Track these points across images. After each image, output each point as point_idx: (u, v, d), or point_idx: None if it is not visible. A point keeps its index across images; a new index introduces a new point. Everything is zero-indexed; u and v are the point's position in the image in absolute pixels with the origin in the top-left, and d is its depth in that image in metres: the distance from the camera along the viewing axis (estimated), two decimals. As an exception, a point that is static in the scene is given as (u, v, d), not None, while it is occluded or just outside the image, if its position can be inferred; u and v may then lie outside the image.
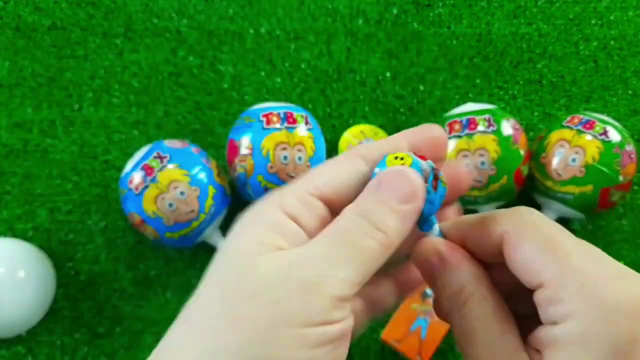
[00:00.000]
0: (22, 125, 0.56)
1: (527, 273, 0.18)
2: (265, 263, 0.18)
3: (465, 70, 0.59)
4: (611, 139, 0.46)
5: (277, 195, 0.20)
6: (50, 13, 0.60)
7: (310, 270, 0.17)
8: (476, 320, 0.19)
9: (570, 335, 0.16)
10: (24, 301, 0.46)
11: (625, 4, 0.62)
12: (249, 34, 0.60)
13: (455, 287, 0.20)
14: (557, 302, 0.17)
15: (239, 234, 0.19)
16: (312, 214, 0.19)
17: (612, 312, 0.16)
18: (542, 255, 0.18)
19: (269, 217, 0.19)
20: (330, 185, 0.20)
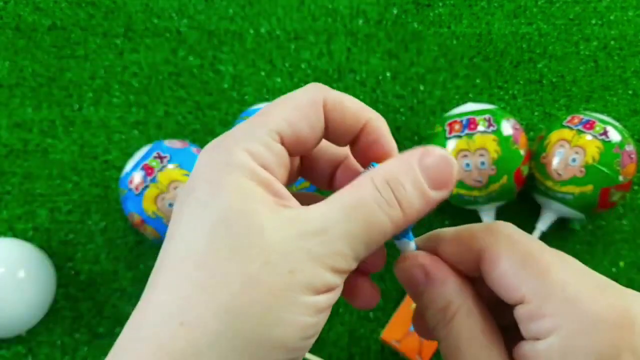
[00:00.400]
0: (22, 125, 0.56)
1: (506, 289, 0.18)
2: (274, 228, 0.17)
3: (466, 70, 0.59)
4: (611, 139, 0.46)
5: (239, 138, 0.19)
6: (51, 13, 0.60)
7: (324, 246, 0.17)
8: (463, 335, 0.19)
9: (554, 351, 0.16)
10: (24, 301, 0.46)
11: (626, 4, 0.62)
12: (249, 34, 0.60)
13: (442, 302, 0.20)
14: (538, 318, 0.17)
15: (218, 184, 0.18)
16: (278, 161, 0.19)
17: (595, 325, 0.16)
18: (520, 271, 0.18)
19: (244, 165, 0.18)
20: (290, 130, 0.19)
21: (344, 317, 0.50)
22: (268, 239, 0.17)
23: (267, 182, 0.18)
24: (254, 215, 0.17)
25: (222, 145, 0.19)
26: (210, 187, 0.18)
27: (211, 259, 0.17)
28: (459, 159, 0.47)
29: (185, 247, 0.17)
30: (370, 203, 0.18)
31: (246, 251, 0.17)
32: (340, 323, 0.50)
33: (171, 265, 0.18)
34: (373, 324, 0.50)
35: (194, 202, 0.18)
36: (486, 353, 0.18)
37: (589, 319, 0.16)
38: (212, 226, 0.17)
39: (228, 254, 0.17)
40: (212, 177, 0.18)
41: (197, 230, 0.17)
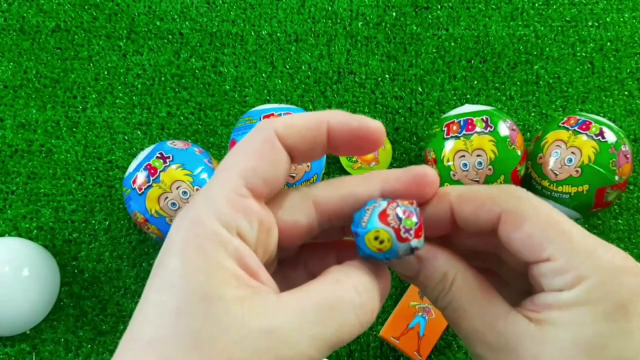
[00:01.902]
0: (26, 126, 0.56)
1: (530, 249, 0.19)
2: (241, 322, 0.17)
3: (463, 71, 0.60)
4: (607, 139, 0.47)
5: (207, 203, 0.18)
6: (54, 15, 0.61)
7: (292, 350, 0.17)
8: (464, 296, 0.20)
9: (578, 298, 0.18)
10: (28, 299, 0.47)
11: (622, 6, 0.62)
12: (250, 36, 0.61)
13: (438, 275, 0.21)
14: (565, 272, 0.19)
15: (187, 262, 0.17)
16: (250, 220, 0.18)
17: (616, 275, 0.18)
18: (546, 232, 0.19)
19: (213, 237, 0.17)
20: (260, 182, 0.19)
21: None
22: (233, 335, 0.16)
23: (238, 254, 0.17)
24: (220, 304, 0.17)
25: (190, 213, 0.18)
26: (179, 263, 0.17)
27: (174, 351, 0.16)
28: (457, 159, 0.48)
29: (149, 335, 0.17)
30: (348, 308, 0.18)
31: (210, 346, 0.16)
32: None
33: (135, 351, 0.17)
34: (372, 322, 0.51)
35: (163, 278, 0.17)
36: (489, 305, 0.20)
37: (611, 270, 0.18)
38: (178, 314, 0.16)
39: (192, 346, 0.16)
40: (181, 250, 0.17)
41: (162, 317, 0.17)
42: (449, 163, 0.48)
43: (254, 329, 0.16)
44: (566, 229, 0.19)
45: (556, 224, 0.19)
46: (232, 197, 0.18)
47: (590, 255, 0.18)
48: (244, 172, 0.18)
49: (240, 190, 0.18)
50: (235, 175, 0.18)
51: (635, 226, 0.54)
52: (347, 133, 0.20)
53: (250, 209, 0.18)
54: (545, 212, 0.19)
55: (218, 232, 0.17)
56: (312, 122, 0.20)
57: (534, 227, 0.19)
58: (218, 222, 0.17)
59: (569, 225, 0.19)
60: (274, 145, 0.19)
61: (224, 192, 0.18)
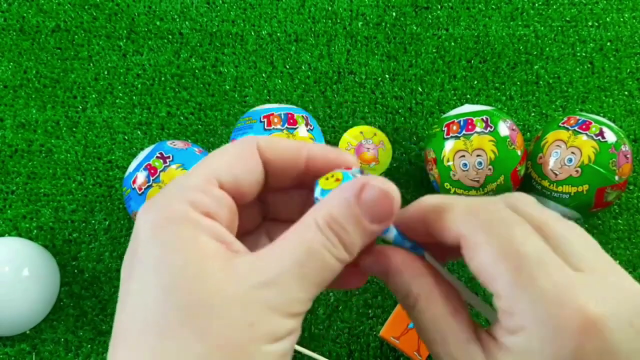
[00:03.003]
0: (26, 126, 0.56)
1: (484, 280, 0.19)
2: (228, 281, 0.17)
3: (463, 71, 0.60)
4: (607, 139, 0.47)
5: (179, 189, 0.19)
6: (54, 15, 0.61)
7: (281, 295, 0.18)
8: (426, 317, 0.20)
9: (519, 348, 0.17)
10: (28, 299, 0.47)
11: (622, 6, 0.62)
12: (250, 36, 0.61)
13: (402, 291, 0.21)
14: (509, 315, 0.18)
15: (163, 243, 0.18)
16: (219, 204, 0.19)
17: (560, 331, 0.17)
18: (496, 264, 0.18)
19: (185, 215, 0.18)
20: (231, 180, 0.20)
21: (343, 314, 0.51)
22: (223, 295, 0.17)
23: (212, 230, 0.18)
24: (204, 271, 0.17)
25: (159, 201, 0.19)
26: (154, 247, 0.18)
27: (171, 328, 0.17)
28: (457, 159, 0.48)
29: (141, 318, 0.17)
30: (319, 248, 0.18)
31: (201, 312, 0.17)
32: (339, 320, 0.51)
33: (130, 338, 0.17)
34: (372, 321, 0.51)
35: (140, 265, 0.18)
36: (449, 332, 0.19)
37: (553, 324, 0.17)
38: (165, 293, 0.17)
39: (187, 318, 0.17)
40: (154, 235, 0.18)
41: (150, 299, 0.17)
42: (449, 163, 0.48)
43: (242, 286, 0.17)
44: (518, 259, 0.18)
45: (509, 252, 0.18)
46: (202, 185, 0.19)
47: (534, 301, 0.17)
48: (217, 168, 0.20)
49: (211, 180, 0.19)
50: (208, 169, 0.20)
51: (635, 226, 0.54)
52: (324, 163, 0.21)
53: (218, 195, 0.19)
54: (503, 236, 0.18)
55: (188, 212, 0.18)
56: (293, 146, 0.21)
57: (485, 255, 0.18)
58: (188, 204, 0.18)
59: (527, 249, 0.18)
60: (252, 152, 0.20)
61: (195, 180, 0.19)
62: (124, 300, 0.18)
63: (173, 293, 0.17)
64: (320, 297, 0.51)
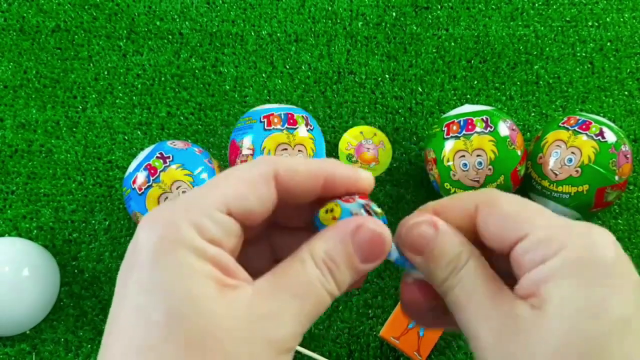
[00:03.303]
0: (26, 126, 0.56)
1: (508, 230, 0.20)
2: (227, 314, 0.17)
3: (463, 72, 0.60)
4: (607, 139, 0.47)
5: (186, 210, 0.18)
6: (54, 15, 0.61)
7: (280, 330, 0.18)
8: (479, 277, 0.20)
9: (564, 264, 0.18)
10: (28, 299, 0.47)
11: (622, 6, 0.62)
12: (250, 36, 0.61)
13: (454, 252, 0.21)
14: (545, 242, 0.19)
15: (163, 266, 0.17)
16: (226, 232, 0.19)
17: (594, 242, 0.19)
18: (520, 213, 0.20)
19: (190, 241, 0.18)
20: (239, 204, 0.19)
21: (343, 314, 0.51)
22: (224, 327, 0.17)
23: (216, 259, 0.18)
24: (206, 302, 0.17)
25: (165, 218, 0.18)
26: (154, 269, 0.17)
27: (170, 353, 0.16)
28: (457, 159, 0.48)
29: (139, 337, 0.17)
30: (317, 285, 0.19)
31: (202, 344, 0.17)
32: (339, 320, 0.51)
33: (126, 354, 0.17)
34: (372, 321, 0.51)
35: (136, 286, 0.17)
36: (497, 290, 0.20)
37: (589, 238, 0.19)
38: (165, 316, 0.17)
39: (187, 348, 0.16)
40: (156, 256, 0.17)
41: (150, 319, 0.17)
42: (449, 163, 0.48)
43: (243, 320, 0.17)
44: (539, 209, 0.20)
45: (529, 205, 0.20)
46: (210, 210, 0.19)
47: (566, 226, 0.19)
48: (229, 196, 0.19)
49: (220, 207, 0.19)
50: (220, 195, 0.19)
51: (635, 226, 0.54)
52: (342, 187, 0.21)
53: (226, 222, 0.19)
54: (516, 198, 0.21)
55: (194, 239, 0.18)
56: (313, 173, 0.21)
57: (509, 208, 0.20)
58: (194, 229, 0.18)
59: (541, 208, 0.20)
60: (267, 182, 0.20)
61: (204, 204, 0.19)
62: (120, 312, 0.18)
63: (173, 321, 0.17)
64: (320, 297, 0.51)
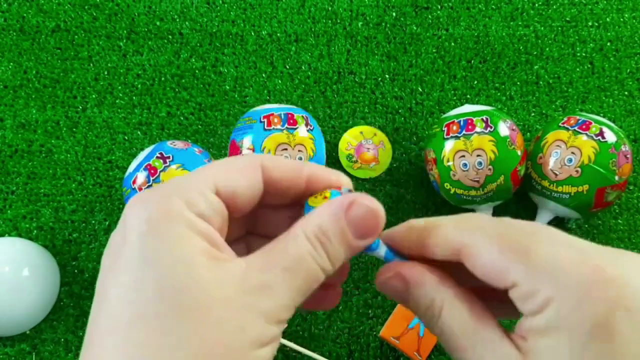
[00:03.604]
0: (26, 126, 0.56)
1: (495, 279, 0.19)
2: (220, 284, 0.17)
3: (463, 72, 0.60)
4: (607, 139, 0.47)
5: (176, 188, 0.19)
6: (54, 15, 0.61)
7: (271, 301, 0.18)
8: (455, 324, 0.20)
9: (552, 322, 0.17)
10: (28, 299, 0.47)
11: (622, 6, 0.62)
12: (250, 37, 0.61)
13: (426, 302, 0.21)
14: (532, 295, 0.18)
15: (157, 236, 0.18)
16: (214, 210, 0.19)
17: (586, 289, 0.17)
18: (503, 259, 0.19)
19: (182, 214, 0.18)
20: (229, 190, 0.20)
21: (343, 314, 0.51)
22: (216, 296, 0.17)
23: (205, 232, 0.18)
24: (198, 273, 0.17)
25: (155, 195, 0.19)
26: (147, 240, 0.17)
27: (161, 321, 0.16)
28: (457, 159, 0.48)
29: (130, 309, 0.17)
30: (308, 259, 0.19)
31: (196, 311, 0.17)
32: (339, 320, 0.51)
33: (116, 327, 0.17)
34: (372, 321, 0.51)
35: (132, 258, 0.17)
36: (479, 335, 0.19)
37: (580, 284, 0.17)
38: (157, 285, 0.17)
39: (178, 314, 0.17)
40: (149, 227, 0.18)
41: (142, 294, 0.17)
42: (449, 163, 0.48)
43: (235, 291, 0.18)
44: (526, 246, 0.18)
45: (514, 244, 0.19)
46: (199, 188, 0.19)
47: (554, 274, 0.18)
48: (217, 175, 0.20)
49: (209, 185, 0.19)
50: (208, 175, 0.20)
51: (635, 226, 0.54)
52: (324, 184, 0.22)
53: (213, 201, 0.19)
54: (499, 235, 0.19)
55: (184, 211, 0.18)
56: (296, 167, 0.21)
57: (491, 256, 0.19)
58: (184, 203, 0.18)
59: (526, 240, 0.19)
60: (255, 168, 0.20)
61: (193, 182, 0.19)
62: (108, 291, 0.18)
63: (167, 291, 0.17)
64: (320, 297, 0.51)
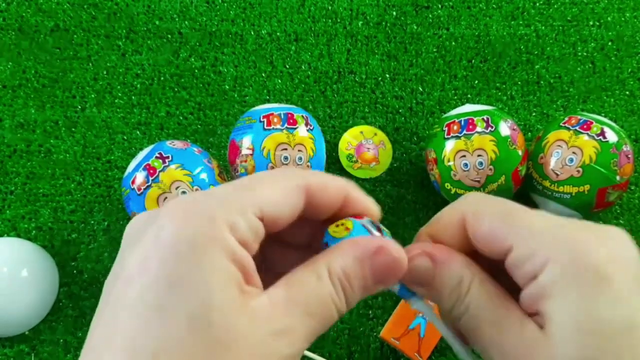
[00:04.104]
0: (25, 126, 0.56)
1: (494, 243, 0.20)
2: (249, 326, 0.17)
3: (464, 71, 0.60)
4: (608, 139, 0.47)
5: (221, 205, 0.18)
6: (53, 14, 0.60)
7: (292, 345, 0.18)
8: (482, 301, 0.20)
9: (553, 280, 0.18)
10: (27, 300, 0.47)
11: (623, 6, 0.62)
12: (250, 36, 0.60)
13: (454, 280, 0.21)
14: (531, 257, 0.18)
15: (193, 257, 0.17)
16: (256, 238, 0.19)
17: (579, 247, 0.18)
18: (503, 223, 0.20)
19: (223, 239, 0.18)
20: (273, 215, 0.19)
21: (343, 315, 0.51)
22: (243, 338, 0.17)
23: (241, 261, 0.18)
24: (228, 311, 0.17)
25: (199, 209, 0.18)
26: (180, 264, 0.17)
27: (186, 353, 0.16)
28: (458, 159, 0.47)
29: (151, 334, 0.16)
30: (328, 301, 0.19)
31: (223, 348, 0.16)
32: (339, 321, 0.50)
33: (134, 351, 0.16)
34: (372, 322, 0.50)
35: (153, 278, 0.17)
36: (505, 314, 0.19)
37: (574, 243, 0.18)
38: (185, 313, 0.16)
39: (204, 349, 0.16)
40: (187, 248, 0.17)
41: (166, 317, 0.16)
42: (450, 163, 0.48)
43: (260, 333, 0.17)
44: (522, 216, 0.20)
45: (513, 213, 0.20)
46: (247, 214, 0.18)
47: (549, 234, 0.19)
48: (265, 200, 0.19)
49: (256, 211, 0.19)
50: (256, 197, 0.19)
51: (636, 226, 0.54)
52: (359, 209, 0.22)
53: (257, 226, 0.19)
54: (501, 206, 0.21)
55: (227, 237, 0.18)
56: (340, 190, 0.21)
57: (492, 220, 0.20)
58: (228, 228, 0.18)
59: (527, 212, 0.20)
60: (299, 192, 0.20)
61: (242, 205, 0.19)
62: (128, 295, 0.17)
63: (196, 322, 0.16)
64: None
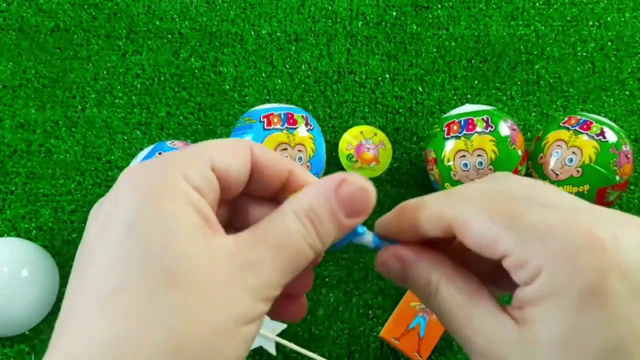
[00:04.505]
0: (25, 126, 0.56)
1: (486, 250, 0.19)
2: (211, 258, 0.17)
3: (464, 71, 0.60)
4: (608, 139, 0.47)
5: (173, 160, 0.19)
6: (54, 15, 0.60)
7: (259, 278, 0.18)
8: (451, 301, 0.20)
9: (545, 290, 0.17)
10: (27, 300, 0.47)
11: (622, 6, 0.62)
12: (250, 36, 0.60)
13: (423, 280, 0.21)
14: (524, 265, 0.18)
15: (153, 206, 0.17)
16: (209, 186, 0.19)
17: (576, 255, 0.17)
18: (492, 229, 0.18)
19: (178, 186, 0.18)
20: (223, 166, 0.20)
21: (343, 315, 0.51)
22: (204, 270, 0.17)
23: (199, 206, 0.18)
24: (189, 243, 0.17)
25: (153, 166, 0.19)
26: (141, 207, 0.17)
27: (152, 294, 0.16)
28: (457, 159, 0.47)
29: (115, 277, 0.17)
30: (297, 237, 0.19)
31: (183, 282, 0.17)
32: (340, 321, 0.51)
33: (100, 295, 0.17)
34: (372, 322, 0.50)
35: (121, 221, 0.17)
36: (476, 311, 0.19)
37: (570, 250, 0.17)
38: (146, 254, 0.17)
39: (164, 284, 0.16)
40: (144, 196, 0.18)
41: (128, 257, 0.17)
42: (450, 163, 0.48)
43: (225, 267, 0.18)
44: (515, 212, 0.18)
45: (499, 212, 0.18)
46: (196, 162, 0.19)
47: (543, 241, 0.17)
48: (215, 154, 0.20)
49: (205, 160, 0.19)
50: (204, 150, 0.20)
51: (636, 226, 0.54)
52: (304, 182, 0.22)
53: (209, 176, 0.19)
54: (485, 204, 0.19)
55: (181, 184, 0.18)
56: (280, 157, 0.22)
57: (482, 224, 0.19)
58: (182, 176, 0.18)
59: (520, 205, 0.18)
60: (245, 149, 0.21)
61: (190, 156, 0.19)
62: (93, 256, 0.17)
63: (155, 260, 0.17)
64: (320, 298, 0.51)
